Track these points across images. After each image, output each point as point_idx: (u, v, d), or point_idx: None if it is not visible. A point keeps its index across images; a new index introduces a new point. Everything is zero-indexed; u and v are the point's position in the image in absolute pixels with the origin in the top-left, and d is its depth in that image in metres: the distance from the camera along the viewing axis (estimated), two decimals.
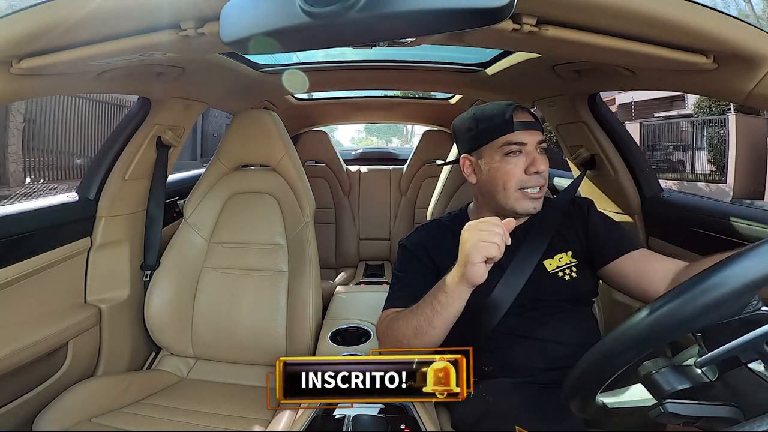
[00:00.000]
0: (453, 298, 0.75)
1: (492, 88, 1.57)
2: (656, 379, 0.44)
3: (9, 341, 0.92)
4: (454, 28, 0.40)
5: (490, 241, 0.68)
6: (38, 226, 1.03)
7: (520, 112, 0.88)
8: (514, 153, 0.86)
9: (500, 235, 0.69)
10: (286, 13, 0.40)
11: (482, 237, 0.69)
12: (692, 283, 0.39)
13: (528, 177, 0.85)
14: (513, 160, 0.85)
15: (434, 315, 0.76)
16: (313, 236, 1.21)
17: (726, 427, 0.39)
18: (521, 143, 0.85)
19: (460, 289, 0.74)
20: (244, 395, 1.10)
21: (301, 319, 1.14)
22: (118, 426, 0.94)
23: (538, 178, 0.86)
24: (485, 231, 0.70)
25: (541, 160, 0.86)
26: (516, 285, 0.84)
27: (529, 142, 0.86)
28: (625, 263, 0.83)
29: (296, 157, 1.29)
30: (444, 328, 0.77)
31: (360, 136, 24.07)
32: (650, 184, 1.24)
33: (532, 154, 0.85)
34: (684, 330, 0.41)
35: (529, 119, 0.87)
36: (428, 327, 0.77)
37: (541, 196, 0.87)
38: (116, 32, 0.65)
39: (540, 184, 0.87)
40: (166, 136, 1.30)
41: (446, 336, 0.95)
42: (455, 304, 0.75)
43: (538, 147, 0.86)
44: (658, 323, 0.41)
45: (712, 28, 0.58)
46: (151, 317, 1.19)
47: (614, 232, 0.88)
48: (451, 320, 0.77)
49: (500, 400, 0.78)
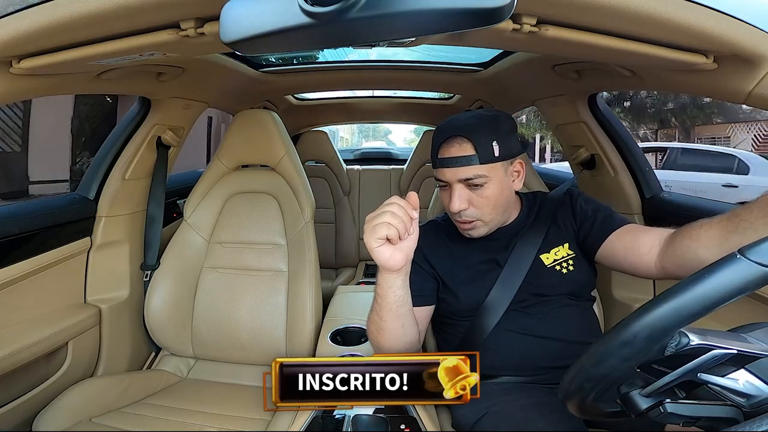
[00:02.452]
0: (384, 288, 0.75)
1: (492, 88, 1.57)
2: (631, 397, 0.45)
3: (9, 341, 0.92)
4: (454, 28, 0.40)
5: (378, 222, 0.67)
6: (38, 226, 1.03)
7: (450, 145, 0.82)
8: (443, 186, 0.86)
9: (389, 213, 0.67)
10: (286, 13, 0.40)
11: (371, 220, 0.68)
12: (607, 339, 0.42)
13: (454, 212, 0.84)
14: (443, 191, 0.87)
15: (380, 308, 0.77)
16: (313, 236, 1.21)
17: (726, 427, 0.39)
18: (443, 181, 0.85)
19: (384, 278, 0.74)
20: (244, 395, 1.10)
21: (300, 319, 1.14)
22: (118, 426, 0.94)
23: (461, 215, 0.83)
24: (375, 213, 0.69)
25: (463, 198, 0.81)
26: (514, 282, 0.84)
27: (450, 179, 0.82)
28: (614, 241, 0.81)
29: (296, 157, 1.29)
30: (393, 319, 0.76)
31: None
32: (650, 184, 1.24)
33: (453, 191, 0.82)
34: (612, 377, 0.44)
35: (457, 153, 0.80)
36: (380, 321, 0.78)
37: (473, 226, 0.85)
38: (116, 32, 0.65)
39: (464, 220, 0.84)
40: (166, 136, 1.30)
41: (446, 335, 0.96)
42: (389, 293, 0.74)
43: (466, 183, 0.81)
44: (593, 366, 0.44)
45: (712, 28, 0.58)
46: (151, 317, 1.19)
47: (599, 213, 0.87)
48: (396, 310, 0.76)
49: (501, 400, 0.78)
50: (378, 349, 0.86)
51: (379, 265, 0.72)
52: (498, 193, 0.83)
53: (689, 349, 0.39)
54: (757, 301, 0.87)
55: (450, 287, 0.88)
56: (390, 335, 0.79)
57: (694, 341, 0.39)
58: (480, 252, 0.90)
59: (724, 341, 0.40)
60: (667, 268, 0.72)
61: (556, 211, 0.91)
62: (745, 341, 0.40)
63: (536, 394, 0.78)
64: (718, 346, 0.39)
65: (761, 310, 0.85)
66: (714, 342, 0.39)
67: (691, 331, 0.40)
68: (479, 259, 0.89)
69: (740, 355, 0.39)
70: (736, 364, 0.40)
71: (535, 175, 1.21)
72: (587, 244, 0.86)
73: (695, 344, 0.39)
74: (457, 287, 0.88)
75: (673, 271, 0.72)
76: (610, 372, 0.43)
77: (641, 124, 11.11)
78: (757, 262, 0.35)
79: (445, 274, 0.89)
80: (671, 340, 0.40)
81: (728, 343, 0.39)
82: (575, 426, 0.72)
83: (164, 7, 0.58)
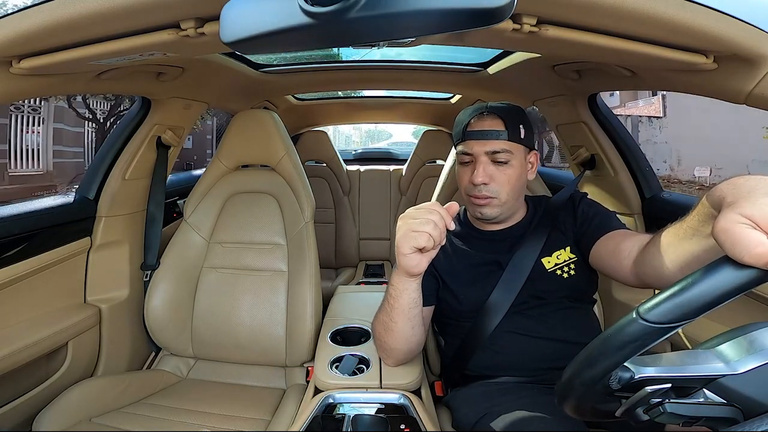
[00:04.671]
0: (399, 290, 0.75)
1: (492, 88, 1.57)
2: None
3: (9, 341, 0.92)
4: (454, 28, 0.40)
5: (419, 230, 0.66)
6: (38, 226, 1.03)
7: (482, 120, 0.86)
8: (465, 162, 0.87)
9: (433, 223, 0.66)
10: (286, 13, 0.40)
11: (412, 226, 0.67)
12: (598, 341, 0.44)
13: (472, 186, 0.85)
14: (463, 168, 0.88)
15: (391, 309, 0.77)
16: (313, 236, 1.21)
17: (726, 427, 0.39)
18: (468, 153, 0.86)
19: (402, 281, 0.74)
20: (244, 395, 1.10)
21: (301, 319, 1.14)
22: (118, 426, 0.94)
23: (480, 189, 0.84)
24: (417, 220, 0.67)
25: (486, 171, 0.83)
26: (515, 285, 0.84)
27: (477, 152, 0.85)
28: (601, 245, 0.81)
29: (296, 157, 1.29)
30: (404, 321, 0.77)
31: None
32: (650, 184, 1.24)
33: (478, 164, 0.84)
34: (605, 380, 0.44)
35: (489, 127, 0.84)
36: (390, 322, 0.78)
37: (487, 203, 0.85)
38: (116, 32, 0.65)
39: (482, 195, 0.85)
40: (166, 136, 1.30)
41: (447, 336, 0.96)
42: (403, 296, 0.75)
43: (491, 158, 0.84)
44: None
45: (712, 28, 0.58)
46: (151, 317, 1.19)
47: (597, 217, 0.86)
48: (408, 312, 0.76)
49: (501, 400, 0.78)
50: (383, 349, 0.86)
51: (402, 269, 0.72)
52: (517, 175, 0.86)
53: (636, 381, 0.41)
54: (757, 301, 0.87)
55: (451, 287, 0.88)
56: (399, 336, 0.79)
57: (636, 375, 0.41)
58: (483, 252, 0.90)
59: (669, 371, 0.41)
60: (639, 275, 0.68)
61: (558, 214, 0.91)
62: (694, 364, 0.41)
63: (536, 395, 0.78)
64: (659, 378, 0.41)
65: (761, 310, 0.85)
66: (655, 374, 0.41)
67: (635, 362, 0.41)
68: (481, 260, 0.89)
69: (678, 386, 0.41)
70: (697, 384, 0.40)
71: (538, 178, 1.21)
72: (582, 247, 0.86)
73: (638, 378, 0.41)
74: (458, 288, 0.88)
75: (645, 279, 0.67)
76: (603, 374, 0.43)
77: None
78: (652, 322, 0.39)
79: (447, 274, 0.89)
80: (613, 377, 0.42)
81: (675, 371, 0.41)
82: (575, 426, 0.72)
83: (164, 7, 0.58)
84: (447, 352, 0.96)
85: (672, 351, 0.50)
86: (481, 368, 0.87)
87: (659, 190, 1.24)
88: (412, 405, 0.80)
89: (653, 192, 1.23)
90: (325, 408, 0.80)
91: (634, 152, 1.26)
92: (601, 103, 1.28)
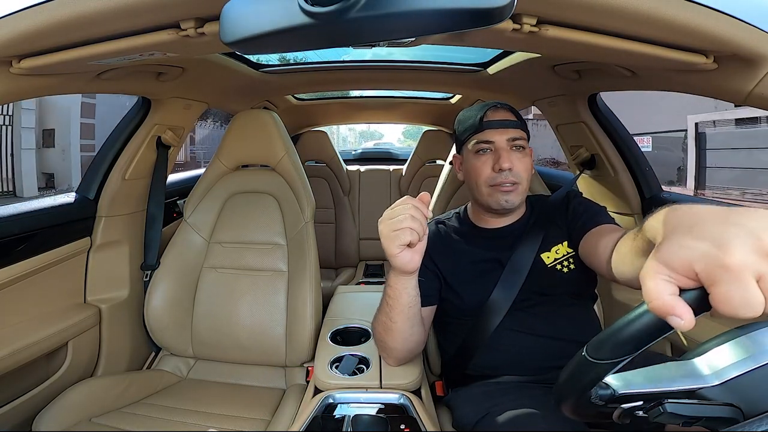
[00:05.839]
0: (397, 289, 0.76)
1: (492, 88, 1.57)
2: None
3: (9, 341, 0.92)
4: (454, 28, 0.40)
5: (400, 228, 0.67)
6: (38, 226, 1.03)
7: (496, 111, 0.89)
8: (484, 151, 0.88)
9: (410, 216, 0.67)
10: (286, 13, 0.40)
11: (392, 226, 0.68)
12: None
13: (496, 174, 0.86)
14: (482, 158, 0.88)
15: (390, 309, 0.78)
16: (313, 236, 1.21)
17: (726, 427, 0.39)
18: (489, 141, 0.87)
19: (399, 280, 0.75)
20: (244, 395, 1.10)
21: (301, 319, 1.14)
22: (118, 426, 0.94)
23: (506, 174, 0.85)
24: (394, 219, 0.68)
25: (510, 157, 0.86)
26: (515, 282, 0.84)
27: (498, 140, 0.87)
28: (588, 240, 0.80)
29: (296, 157, 1.29)
30: (404, 320, 0.78)
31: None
32: (650, 184, 1.24)
33: (501, 151, 0.86)
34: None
35: (504, 117, 0.88)
36: (390, 322, 0.79)
37: (514, 189, 0.86)
38: (116, 32, 0.65)
39: (508, 181, 0.86)
40: (166, 136, 1.30)
41: (448, 335, 0.96)
42: (402, 295, 0.75)
43: (511, 144, 0.87)
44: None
45: (712, 28, 0.58)
46: (151, 317, 1.19)
47: (587, 212, 0.87)
48: (407, 311, 0.77)
49: (502, 400, 0.78)
50: (384, 349, 0.86)
51: (397, 269, 0.73)
52: (530, 163, 0.90)
53: (620, 396, 0.43)
54: None
55: (453, 286, 0.89)
56: (399, 336, 0.80)
57: (618, 392, 0.43)
58: (483, 250, 0.90)
59: (650, 386, 0.42)
60: (613, 273, 0.66)
61: (555, 211, 0.92)
62: (674, 378, 0.41)
63: (538, 394, 0.78)
64: (636, 394, 0.42)
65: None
66: (634, 390, 0.42)
67: (617, 379, 0.43)
68: (482, 257, 0.89)
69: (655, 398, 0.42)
70: (678, 397, 0.41)
71: (537, 176, 1.21)
72: (574, 242, 0.86)
73: (620, 394, 0.43)
74: (459, 286, 0.88)
75: (617, 278, 0.65)
76: (582, 392, 0.44)
77: None
78: (597, 360, 0.42)
79: (449, 272, 0.89)
80: (593, 395, 0.43)
81: (655, 386, 0.42)
82: (576, 426, 0.72)
83: (164, 7, 0.58)
84: (448, 352, 0.96)
85: (671, 350, 0.50)
86: (482, 367, 0.87)
87: (659, 190, 1.24)
88: (412, 405, 0.80)
89: (653, 192, 1.23)
90: (325, 408, 0.80)
91: (634, 152, 1.26)
92: (601, 103, 1.28)
